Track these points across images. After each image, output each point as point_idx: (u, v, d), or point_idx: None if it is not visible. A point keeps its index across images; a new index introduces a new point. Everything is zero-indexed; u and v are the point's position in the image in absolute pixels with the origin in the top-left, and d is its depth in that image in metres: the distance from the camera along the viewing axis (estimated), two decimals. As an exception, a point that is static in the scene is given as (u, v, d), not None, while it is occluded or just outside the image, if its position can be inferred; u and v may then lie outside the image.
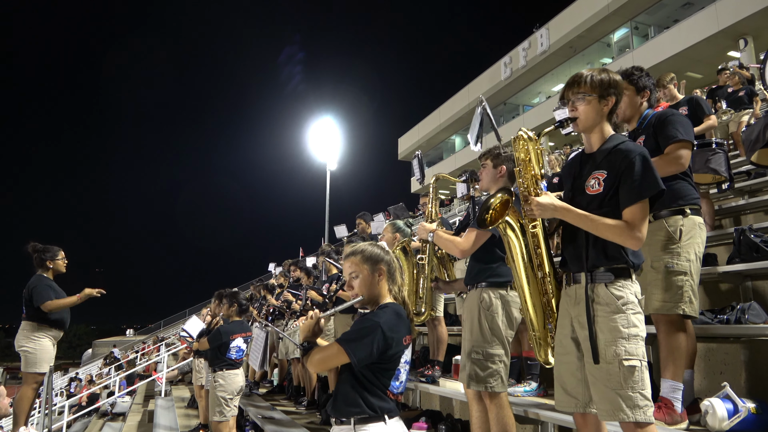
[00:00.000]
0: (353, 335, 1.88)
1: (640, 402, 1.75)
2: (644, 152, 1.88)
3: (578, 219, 1.90)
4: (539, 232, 2.07)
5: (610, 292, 1.86)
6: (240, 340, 4.54)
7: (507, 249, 2.15)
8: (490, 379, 2.68)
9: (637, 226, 1.82)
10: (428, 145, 31.93)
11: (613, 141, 1.98)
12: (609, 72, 2.00)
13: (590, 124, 2.00)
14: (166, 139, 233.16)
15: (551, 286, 2.09)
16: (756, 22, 15.04)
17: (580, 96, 1.98)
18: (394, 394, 1.91)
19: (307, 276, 6.60)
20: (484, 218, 2.12)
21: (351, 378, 1.88)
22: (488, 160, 2.93)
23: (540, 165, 2.06)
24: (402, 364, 1.93)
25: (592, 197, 1.94)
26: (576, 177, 2.06)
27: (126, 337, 35.58)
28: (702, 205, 4.59)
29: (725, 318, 2.97)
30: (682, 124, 2.62)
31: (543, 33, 22.09)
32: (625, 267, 1.89)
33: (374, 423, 1.83)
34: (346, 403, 1.86)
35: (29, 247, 4.76)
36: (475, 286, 2.85)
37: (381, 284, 2.03)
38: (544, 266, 2.08)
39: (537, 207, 1.94)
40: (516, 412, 3.06)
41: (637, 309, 1.86)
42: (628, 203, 1.85)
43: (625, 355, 1.78)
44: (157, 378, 10.41)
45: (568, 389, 1.98)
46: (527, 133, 2.08)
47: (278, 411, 5.49)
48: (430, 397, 4.64)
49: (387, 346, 1.85)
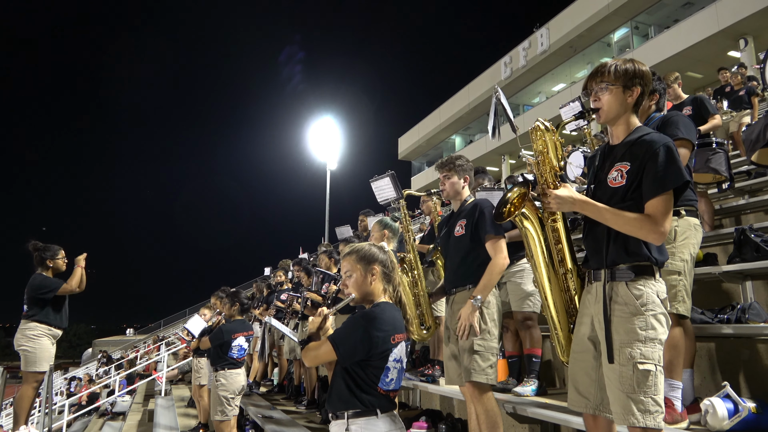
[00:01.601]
0: (340, 332, 1.97)
1: (652, 407, 1.70)
2: (669, 143, 1.80)
3: (598, 212, 1.83)
4: (560, 227, 2.00)
5: (630, 291, 1.79)
6: (242, 339, 4.54)
7: (525, 243, 2.09)
8: (489, 370, 2.74)
9: (659, 220, 1.74)
10: (428, 145, 31.91)
11: (639, 132, 1.90)
12: (635, 62, 1.93)
13: (613, 115, 1.92)
14: (166, 139, 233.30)
15: (574, 283, 2.02)
16: (756, 21, 15.03)
17: (603, 86, 1.91)
18: (385, 391, 1.96)
19: (307, 276, 6.60)
20: (501, 212, 2.07)
21: (343, 373, 1.96)
22: (451, 171, 3.05)
23: (559, 157, 1.99)
24: (391, 362, 1.97)
25: (615, 190, 1.86)
26: (598, 169, 1.99)
27: (126, 337, 35.59)
28: (701, 205, 4.62)
29: (726, 317, 2.97)
30: (684, 124, 2.63)
31: (543, 33, 22.08)
32: (648, 264, 1.81)
33: (366, 417, 1.91)
34: (339, 398, 1.95)
35: (30, 245, 4.76)
36: (467, 287, 2.88)
37: (374, 284, 2.08)
38: (566, 262, 2.01)
39: (555, 200, 1.88)
40: (516, 411, 3.06)
41: (659, 309, 1.77)
42: (651, 195, 1.77)
43: (640, 358, 1.72)
44: (157, 377, 10.41)
45: (580, 389, 1.94)
46: (544, 124, 2.02)
47: (278, 410, 5.49)
48: (430, 397, 4.64)
49: (373, 343, 1.91)
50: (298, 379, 6.42)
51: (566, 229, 2.03)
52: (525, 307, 3.63)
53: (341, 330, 1.99)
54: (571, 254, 2.02)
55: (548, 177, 1.97)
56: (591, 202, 1.85)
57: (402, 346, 2.03)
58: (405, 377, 4.33)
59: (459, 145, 30.87)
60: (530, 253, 2.08)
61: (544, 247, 2.04)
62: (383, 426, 1.91)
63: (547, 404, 3.02)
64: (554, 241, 2.03)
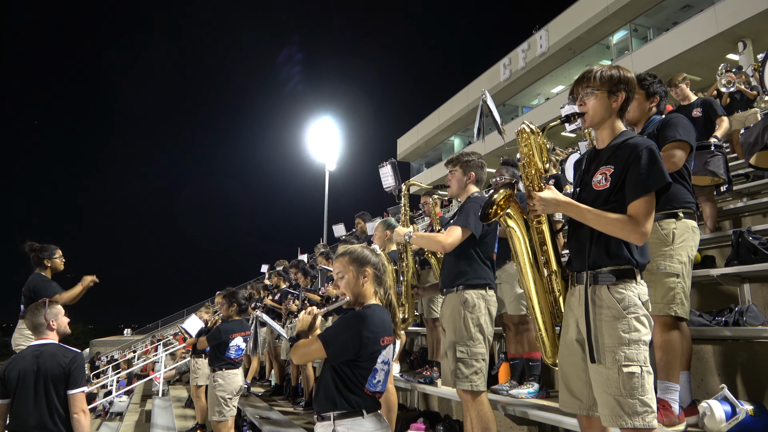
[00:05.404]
0: (331, 331, 2.00)
1: (639, 408, 1.72)
2: (652, 145, 1.84)
3: (581, 214, 1.87)
4: (545, 228, 2.03)
5: (612, 295, 1.83)
6: (239, 339, 4.54)
7: (510, 244, 2.13)
8: (473, 377, 2.69)
9: (641, 221, 1.78)
10: (427, 146, 31.92)
11: (623, 136, 1.94)
12: (620, 68, 1.98)
13: (598, 119, 1.97)
14: (165, 139, 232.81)
15: (558, 285, 2.05)
16: (755, 24, 15.07)
17: (588, 91, 1.96)
18: (372, 392, 1.99)
19: (304, 276, 6.60)
20: (487, 213, 2.10)
21: (332, 373, 1.98)
22: (457, 167, 3.00)
23: (544, 160, 2.03)
24: (379, 363, 2.00)
25: (599, 193, 1.91)
26: (584, 173, 2.03)
27: (124, 337, 35.52)
28: (705, 208, 4.62)
29: (723, 320, 2.97)
30: (683, 126, 2.63)
31: (542, 35, 22.12)
32: (629, 268, 1.85)
33: (352, 418, 1.93)
34: (326, 397, 1.97)
35: (26, 246, 4.75)
36: (455, 289, 2.85)
37: (366, 286, 2.11)
38: (550, 263, 2.04)
39: (540, 202, 1.93)
40: (516, 413, 3.06)
41: (641, 311, 1.81)
42: (634, 197, 1.81)
43: (624, 361, 1.75)
44: (154, 378, 10.39)
45: (573, 391, 1.96)
46: (530, 126, 2.05)
47: (276, 411, 5.48)
48: (428, 398, 4.63)
49: (363, 344, 1.94)
50: (296, 379, 6.41)
51: (551, 231, 2.07)
52: (519, 310, 3.61)
53: (332, 329, 2.02)
54: (555, 256, 2.06)
55: (534, 179, 2.01)
56: (574, 204, 1.89)
57: (390, 348, 2.06)
58: (403, 378, 4.34)
59: (458, 146, 30.88)
60: (515, 254, 2.12)
61: (529, 249, 2.08)
62: (369, 425, 1.94)
63: (545, 406, 3.03)
64: (539, 243, 2.06)
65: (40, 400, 2.84)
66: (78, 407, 2.90)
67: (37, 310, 3.06)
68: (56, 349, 2.99)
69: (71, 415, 2.89)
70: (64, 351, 3.00)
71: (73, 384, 2.91)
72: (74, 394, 2.91)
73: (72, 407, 2.89)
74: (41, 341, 3.02)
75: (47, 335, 3.05)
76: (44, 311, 3.04)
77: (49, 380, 2.87)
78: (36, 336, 3.07)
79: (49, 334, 3.05)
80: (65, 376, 2.90)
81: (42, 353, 2.93)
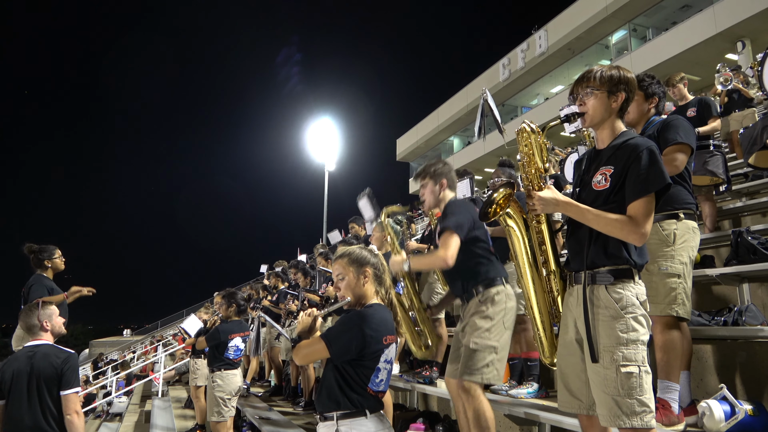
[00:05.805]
0: (334, 331, 2.00)
1: (637, 408, 1.72)
2: (652, 146, 1.84)
3: (581, 213, 1.86)
4: (544, 228, 2.03)
5: (609, 295, 1.83)
6: (238, 339, 4.54)
7: (510, 243, 2.13)
8: (485, 369, 2.60)
9: (641, 221, 1.78)
10: (427, 146, 31.94)
11: (624, 137, 1.94)
12: (620, 68, 1.97)
13: (598, 119, 1.97)
14: (165, 139, 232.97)
15: (556, 285, 2.05)
16: (754, 24, 15.09)
17: (588, 91, 1.96)
18: (375, 392, 1.99)
19: (304, 277, 6.61)
20: (486, 212, 2.09)
21: (335, 372, 1.98)
22: (427, 179, 2.93)
23: (544, 159, 2.03)
24: (382, 362, 2.00)
25: (599, 193, 1.91)
26: (584, 173, 2.03)
27: (123, 338, 35.50)
28: (705, 208, 4.63)
29: (722, 320, 2.98)
30: (684, 128, 2.63)
31: (541, 34, 22.13)
32: (627, 268, 1.85)
33: (355, 418, 1.93)
34: (329, 397, 1.97)
35: (25, 248, 4.75)
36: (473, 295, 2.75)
37: (366, 286, 2.11)
38: (549, 263, 2.04)
39: (539, 201, 1.92)
40: (515, 413, 3.06)
41: (639, 311, 1.81)
42: (634, 197, 1.81)
43: (622, 361, 1.75)
44: (154, 378, 10.38)
45: (572, 390, 1.96)
46: (530, 126, 2.05)
47: (275, 411, 5.48)
48: (427, 398, 4.63)
49: (365, 343, 1.94)
50: (295, 380, 6.41)
51: (550, 230, 2.06)
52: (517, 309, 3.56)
53: (334, 328, 2.02)
54: (554, 256, 2.06)
55: (533, 179, 2.00)
56: (574, 204, 1.89)
57: (393, 347, 2.06)
58: (403, 378, 4.34)
59: (457, 146, 30.91)
60: (514, 254, 2.11)
61: (528, 248, 2.08)
62: (372, 426, 1.94)
63: (543, 405, 3.03)
64: (538, 242, 2.06)
65: (34, 401, 2.83)
66: (71, 408, 2.89)
67: (30, 311, 3.05)
68: (49, 349, 2.98)
69: (64, 416, 2.87)
70: (57, 351, 2.99)
71: (65, 385, 2.90)
72: (67, 395, 2.89)
73: (65, 408, 2.88)
74: (35, 342, 3.01)
75: (41, 336, 3.04)
76: (38, 312, 3.03)
77: (42, 381, 2.85)
78: (30, 337, 3.06)
79: (43, 335, 3.04)
80: (58, 376, 2.88)
81: (35, 354, 2.92)
